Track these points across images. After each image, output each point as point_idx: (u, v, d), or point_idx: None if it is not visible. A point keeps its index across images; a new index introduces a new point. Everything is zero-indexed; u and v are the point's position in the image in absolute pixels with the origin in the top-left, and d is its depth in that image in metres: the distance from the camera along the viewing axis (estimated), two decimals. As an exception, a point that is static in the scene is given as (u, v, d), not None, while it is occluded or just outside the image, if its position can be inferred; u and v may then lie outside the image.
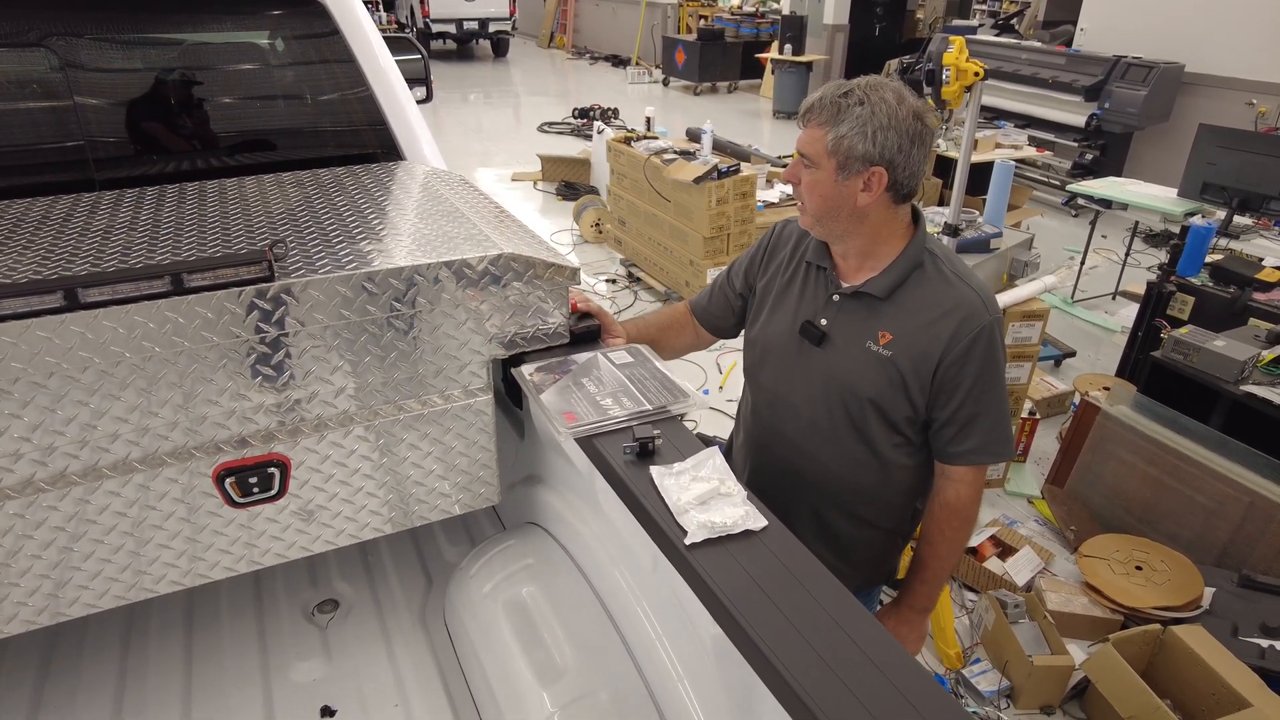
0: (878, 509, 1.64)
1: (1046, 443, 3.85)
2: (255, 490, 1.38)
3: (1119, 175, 6.49)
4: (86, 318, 1.17)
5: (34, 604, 1.30)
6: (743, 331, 1.79)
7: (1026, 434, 3.67)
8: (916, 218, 1.52)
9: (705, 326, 1.83)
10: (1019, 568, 3.00)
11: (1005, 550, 3.08)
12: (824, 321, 1.54)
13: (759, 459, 1.74)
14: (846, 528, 1.66)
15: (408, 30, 15.49)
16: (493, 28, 15.35)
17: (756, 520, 1.13)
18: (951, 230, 3.49)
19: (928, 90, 3.19)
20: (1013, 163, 4.33)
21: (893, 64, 10.41)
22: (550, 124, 10.23)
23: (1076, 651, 2.60)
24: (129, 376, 1.23)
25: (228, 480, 1.36)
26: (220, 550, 1.41)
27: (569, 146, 8.85)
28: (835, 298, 1.54)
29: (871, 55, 11.50)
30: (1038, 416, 3.77)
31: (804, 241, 1.62)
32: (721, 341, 1.90)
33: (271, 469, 1.38)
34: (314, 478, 1.43)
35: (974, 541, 3.11)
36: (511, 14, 15.34)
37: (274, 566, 1.52)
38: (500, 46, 16.17)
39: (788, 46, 10.58)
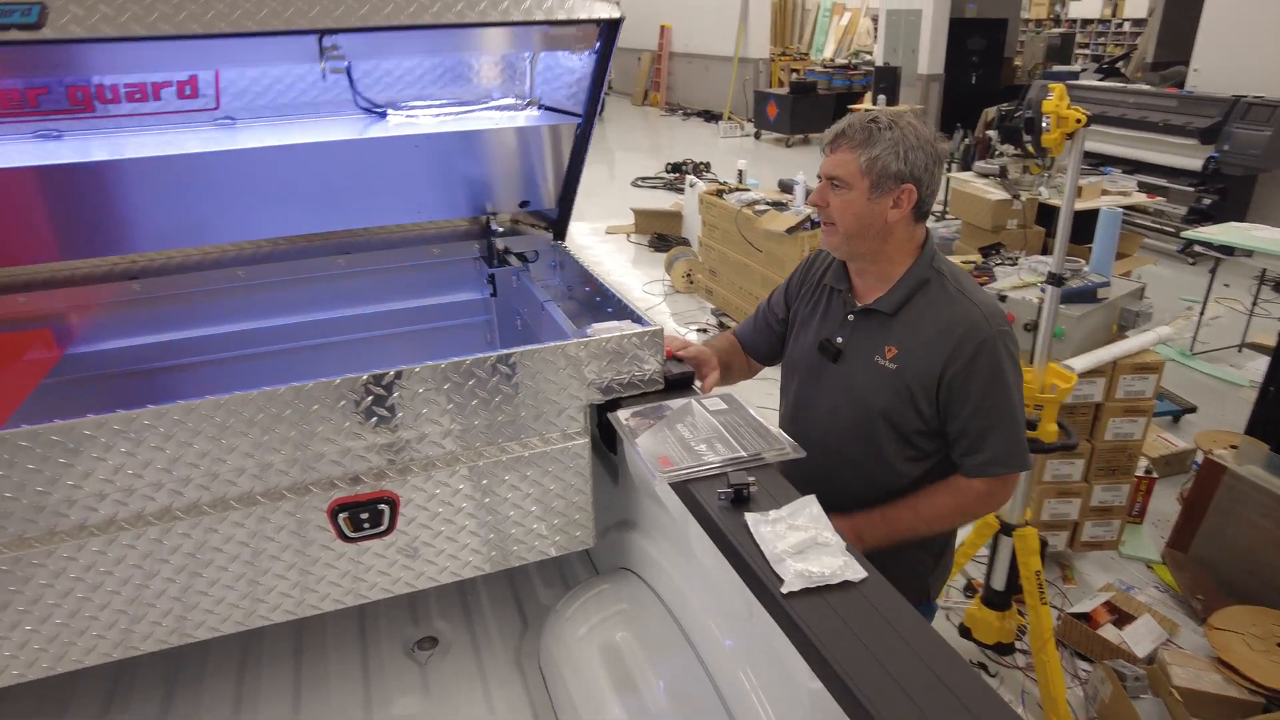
0: None
1: (1165, 503, 3.60)
2: (366, 525, 1.45)
3: (1241, 220, 6.13)
4: None
5: (166, 625, 1.39)
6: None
7: (1143, 493, 3.45)
8: (926, 239, 1.60)
9: (751, 354, 1.90)
10: (1138, 637, 2.79)
11: (1121, 617, 2.88)
12: (840, 339, 1.63)
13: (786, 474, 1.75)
14: None
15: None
16: (589, 87, 15.92)
17: (856, 571, 1.11)
18: (1056, 280, 3.34)
19: (1026, 138, 3.11)
20: (1120, 210, 4.15)
21: (990, 112, 10.20)
22: (643, 178, 10.45)
23: (1207, 733, 2.39)
24: (255, 415, 1.32)
25: (341, 515, 1.43)
26: (331, 583, 1.48)
27: (662, 200, 9.00)
28: (850, 316, 1.63)
29: (968, 103, 11.31)
30: (1155, 475, 3.54)
31: (828, 269, 1.71)
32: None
33: (382, 505, 1.45)
34: (420, 515, 1.49)
35: (1087, 607, 2.92)
36: (607, 73, 15.89)
37: (378, 601, 1.58)
38: (596, 105, 16.73)
39: (881, 97, 10.54)
